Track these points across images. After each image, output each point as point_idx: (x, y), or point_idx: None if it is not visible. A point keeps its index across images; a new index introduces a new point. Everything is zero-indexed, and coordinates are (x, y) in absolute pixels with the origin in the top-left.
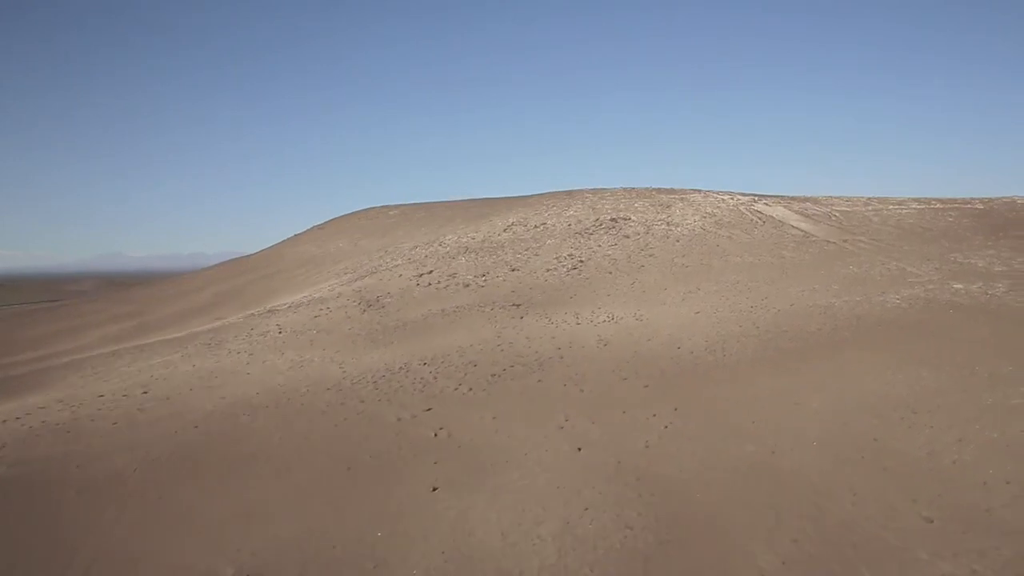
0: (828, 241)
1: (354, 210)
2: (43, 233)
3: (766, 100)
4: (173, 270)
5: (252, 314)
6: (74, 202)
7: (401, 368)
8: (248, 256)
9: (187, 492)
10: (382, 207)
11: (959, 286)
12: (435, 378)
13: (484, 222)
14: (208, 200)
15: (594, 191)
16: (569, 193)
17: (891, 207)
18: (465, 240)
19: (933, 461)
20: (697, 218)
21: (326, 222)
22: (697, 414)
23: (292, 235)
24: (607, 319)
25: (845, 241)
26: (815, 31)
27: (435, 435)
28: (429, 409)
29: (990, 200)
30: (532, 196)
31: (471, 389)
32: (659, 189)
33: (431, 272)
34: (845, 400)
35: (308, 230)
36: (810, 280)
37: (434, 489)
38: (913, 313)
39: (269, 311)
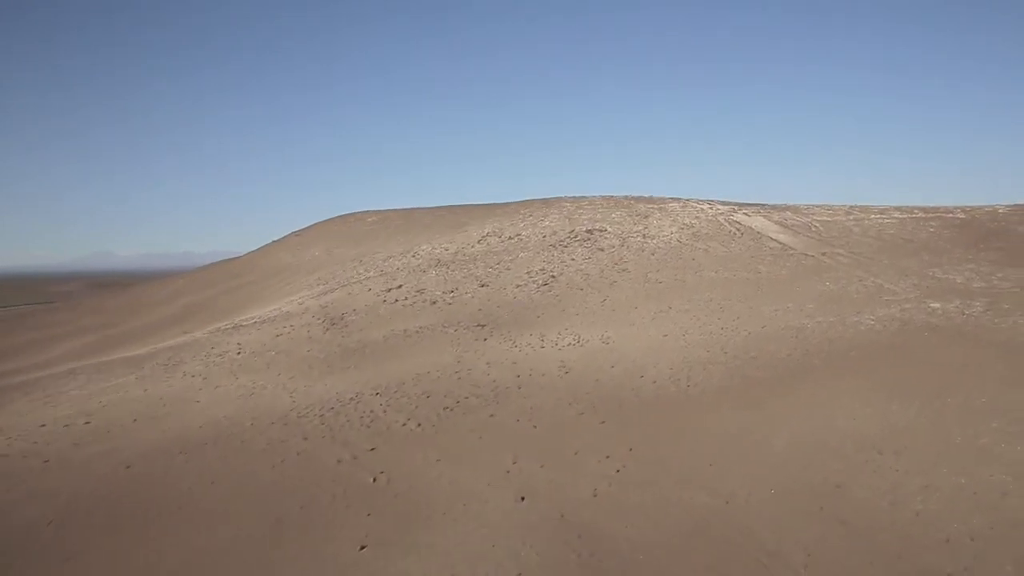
0: (806, 254)
1: (341, 212)
2: (33, 232)
3: (759, 101)
4: (163, 269)
5: (218, 329)
6: (65, 201)
7: (352, 399)
8: (229, 260)
9: (99, 551)
10: (362, 212)
11: (936, 305)
12: (385, 411)
13: (460, 232)
14: (200, 199)
15: (573, 199)
16: (547, 202)
17: (873, 216)
18: (439, 251)
19: (895, 512)
20: (674, 230)
21: (304, 228)
22: (652, 456)
23: (271, 241)
24: (572, 341)
25: (824, 254)
26: (812, 29)
27: (374, 480)
28: (373, 449)
29: (972, 209)
30: (511, 203)
31: (420, 425)
32: (638, 198)
33: (400, 287)
34: (810, 439)
35: (286, 237)
36: (785, 298)
37: (362, 548)
38: (887, 336)
39: (234, 327)
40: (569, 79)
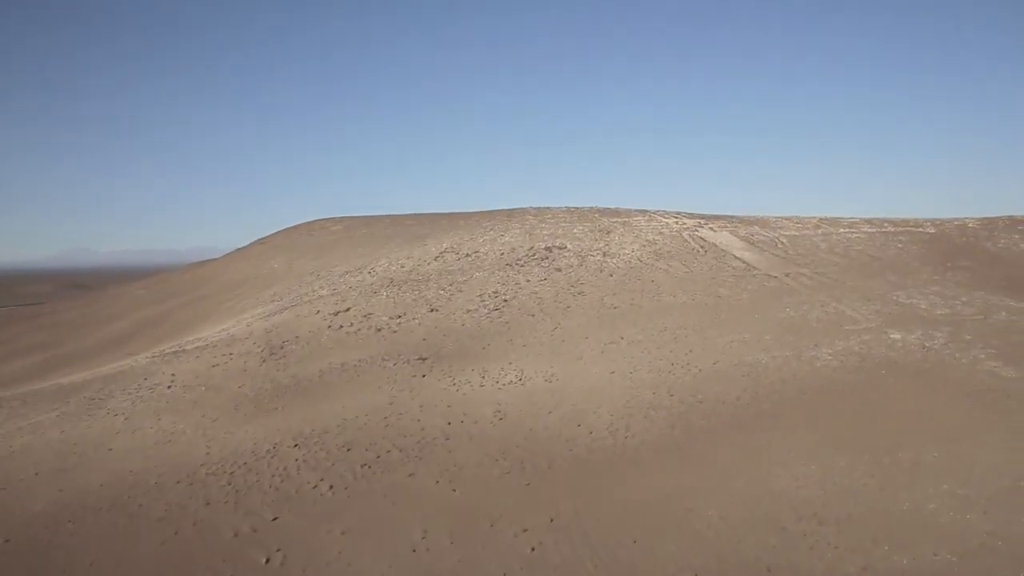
0: (769, 275)
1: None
2: (8, 227)
3: (745, 104)
4: (143, 267)
5: (160, 353)
6: (43, 196)
7: (269, 451)
8: (195, 265)
9: None
10: (328, 220)
11: (897, 336)
12: (299, 469)
13: (419, 246)
14: (183, 196)
15: (537, 211)
16: (511, 214)
17: (841, 230)
18: (394, 268)
19: None
20: (636, 247)
21: (270, 235)
22: (573, 530)
23: (235, 249)
24: (515, 379)
25: (787, 275)
26: (801, 28)
27: (267, 561)
28: (276, 519)
29: (942, 223)
30: (476, 214)
31: (332, 488)
32: (604, 210)
33: (348, 309)
34: (747, 506)
35: (250, 244)
36: (742, 327)
37: None
38: (843, 374)
39: (176, 352)
40: (566, 78)
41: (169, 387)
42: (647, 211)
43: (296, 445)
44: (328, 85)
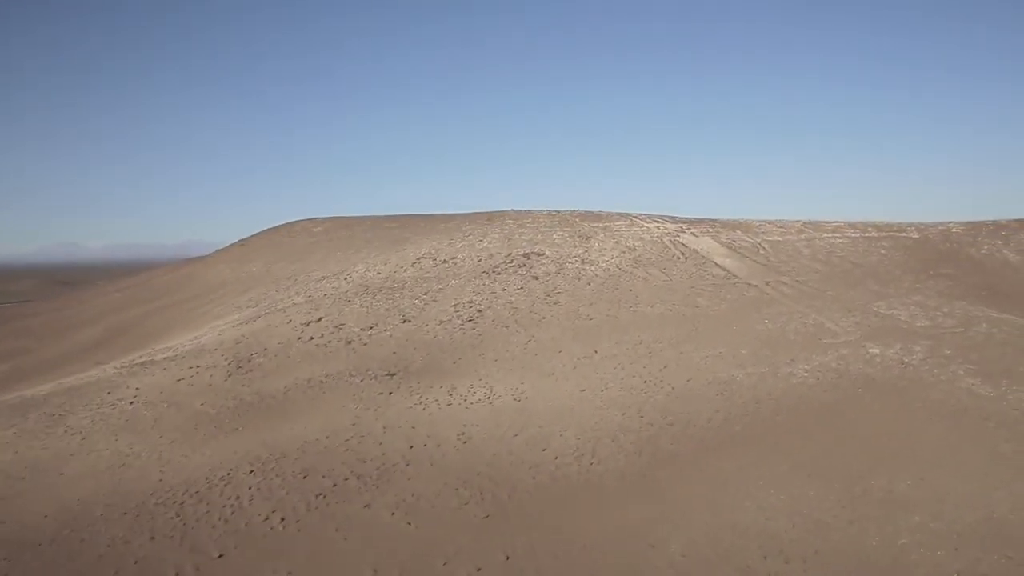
0: (749, 284)
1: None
2: None
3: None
4: (133, 262)
5: (128, 363)
6: (30, 190)
7: (223, 478)
8: (176, 266)
9: None
10: (309, 221)
11: (875, 351)
12: (251, 499)
13: (397, 251)
14: (174, 191)
15: (517, 214)
16: (491, 217)
17: (824, 235)
18: (371, 275)
19: None
20: (615, 253)
21: (251, 236)
22: (528, 569)
23: (216, 251)
24: (483, 397)
25: (768, 284)
26: (791, 28)
27: None
28: (221, 556)
29: (925, 228)
30: (457, 216)
31: (283, 520)
32: (585, 214)
33: (320, 319)
34: (712, 540)
35: (231, 246)
36: (719, 340)
37: None
38: (819, 392)
39: (144, 363)
40: (564, 75)
41: (132, 403)
42: (629, 215)
43: (252, 471)
44: (319, 81)
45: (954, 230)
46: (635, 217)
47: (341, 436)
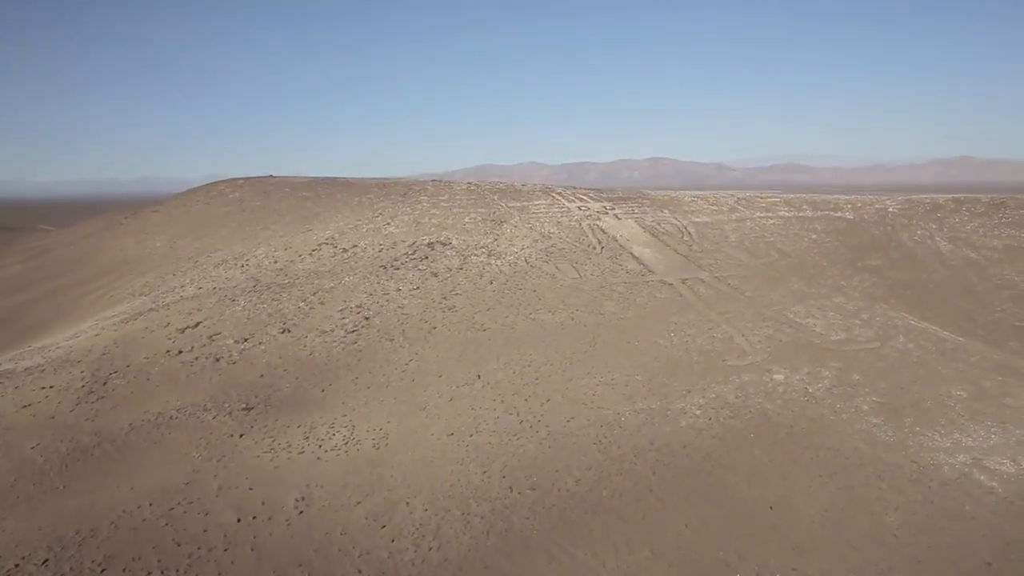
0: (664, 283)
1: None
2: None
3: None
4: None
5: None
6: None
7: (10, 571)
8: (78, 239)
9: None
10: (228, 183)
11: (780, 376)
12: None
13: (302, 231)
14: (128, 120)
15: (436, 187)
16: (409, 188)
17: (757, 215)
18: (267, 263)
19: None
20: (527, 243)
21: (167, 199)
22: None
23: (124, 217)
24: (340, 442)
25: (684, 282)
26: (788, 21)
27: None
28: None
29: (862, 206)
30: (375, 184)
31: None
32: (505, 189)
33: (198, 326)
34: None
35: (144, 210)
36: (614, 363)
37: None
38: (707, 438)
39: (1, 372)
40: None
41: None
42: (552, 190)
43: (46, 561)
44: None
45: (891, 209)
46: (558, 194)
47: (167, 502)
